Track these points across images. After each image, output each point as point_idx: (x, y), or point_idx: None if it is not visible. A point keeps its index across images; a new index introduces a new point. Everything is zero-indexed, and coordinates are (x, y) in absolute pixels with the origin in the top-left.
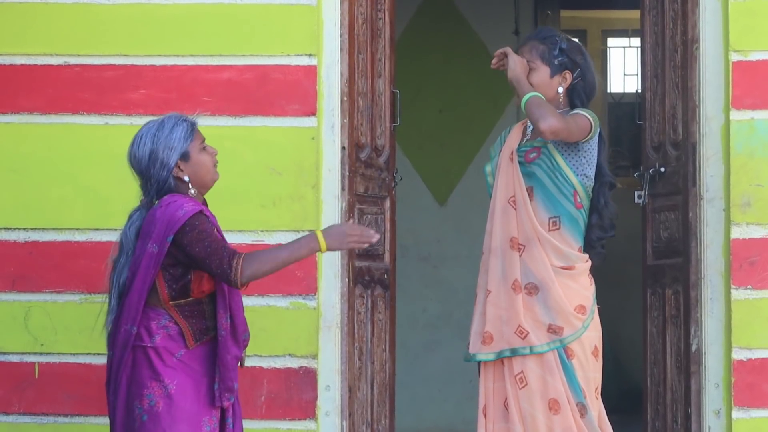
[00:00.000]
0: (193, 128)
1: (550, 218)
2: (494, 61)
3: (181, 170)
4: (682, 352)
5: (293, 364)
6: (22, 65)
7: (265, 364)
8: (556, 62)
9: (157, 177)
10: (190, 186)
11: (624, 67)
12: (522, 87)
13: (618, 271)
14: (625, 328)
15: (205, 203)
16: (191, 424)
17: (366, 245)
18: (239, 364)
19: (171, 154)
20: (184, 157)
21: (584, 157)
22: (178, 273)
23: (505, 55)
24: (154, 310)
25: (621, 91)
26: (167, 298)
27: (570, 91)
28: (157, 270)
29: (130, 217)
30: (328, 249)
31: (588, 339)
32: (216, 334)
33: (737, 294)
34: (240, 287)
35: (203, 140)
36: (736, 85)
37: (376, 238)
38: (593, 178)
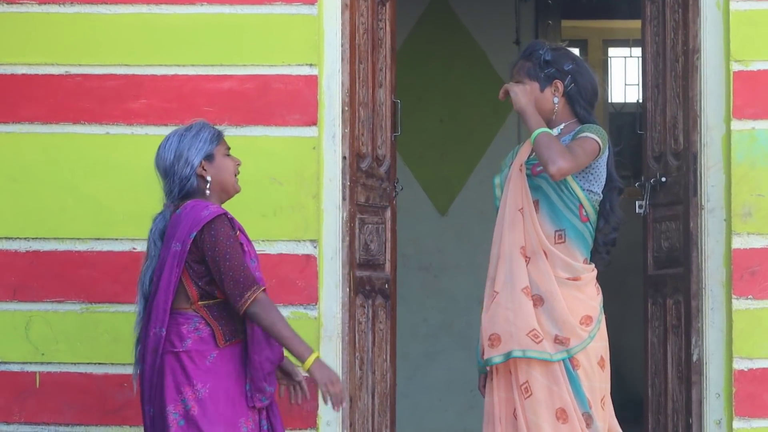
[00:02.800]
0: (219, 134)
1: (555, 231)
2: (501, 95)
3: (205, 170)
4: (683, 361)
5: None
6: (23, 75)
7: None
8: (542, 75)
9: (180, 174)
10: (208, 187)
11: (625, 76)
12: (530, 119)
13: (619, 280)
14: (626, 337)
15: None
16: (228, 426)
17: (328, 399)
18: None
19: (196, 153)
20: (209, 158)
21: (592, 174)
22: (202, 270)
23: (508, 92)
24: (183, 315)
25: (622, 100)
26: (196, 297)
27: (568, 99)
28: (181, 269)
29: (154, 220)
30: (308, 369)
31: (594, 349)
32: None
33: (738, 304)
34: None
35: (228, 148)
36: (737, 94)
37: (338, 407)
38: (601, 193)
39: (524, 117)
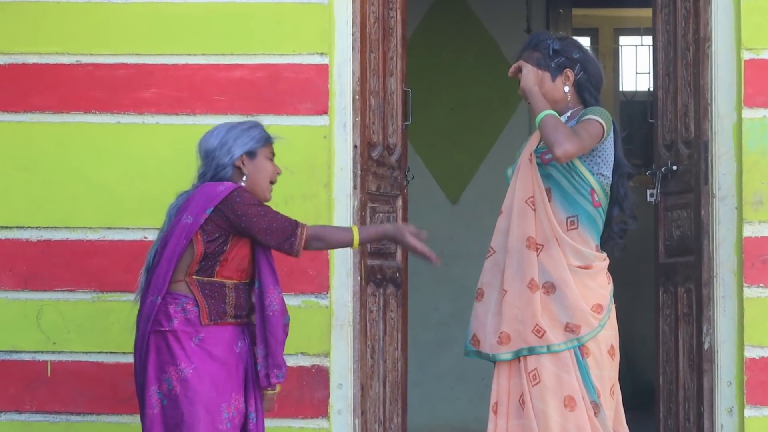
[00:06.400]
0: (268, 138)
1: (567, 218)
2: (511, 71)
3: (244, 164)
4: (694, 350)
5: (305, 362)
6: (34, 64)
7: None
8: (553, 65)
9: (218, 160)
10: (244, 180)
11: (636, 65)
12: (536, 101)
13: (630, 269)
14: (638, 326)
15: None
16: (209, 409)
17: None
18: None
19: (240, 146)
20: (251, 154)
21: (600, 157)
22: (214, 247)
23: (520, 69)
24: (172, 294)
25: (633, 89)
26: (199, 258)
27: (577, 87)
28: (189, 241)
29: (177, 196)
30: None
31: (604, 338)
32: (244, 320)
33: (749, 292)
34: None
35: (273, 154)
36: (748, 83)
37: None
38: (611, 176)
39: (530, 98)
